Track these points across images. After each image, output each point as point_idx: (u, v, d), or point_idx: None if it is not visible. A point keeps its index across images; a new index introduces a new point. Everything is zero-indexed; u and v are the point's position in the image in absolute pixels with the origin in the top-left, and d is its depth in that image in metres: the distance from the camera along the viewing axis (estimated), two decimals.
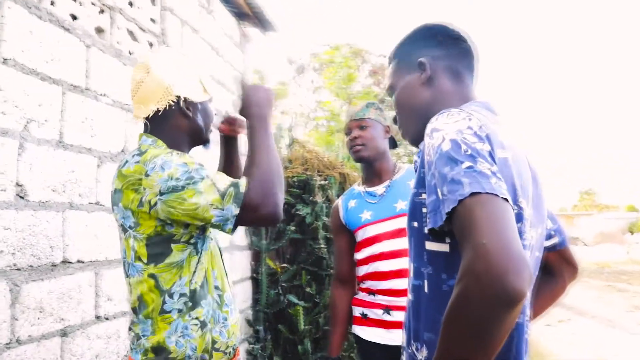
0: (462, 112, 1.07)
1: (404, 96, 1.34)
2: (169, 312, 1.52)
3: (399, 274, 2.35)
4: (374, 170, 2.56)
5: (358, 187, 2.64)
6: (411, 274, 1.18)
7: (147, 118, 1.64)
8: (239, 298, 4.29)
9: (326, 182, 4.71)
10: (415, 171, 1.16)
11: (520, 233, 1.02)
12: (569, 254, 1.40)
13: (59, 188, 2.16)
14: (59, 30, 2.19)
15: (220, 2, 4.10)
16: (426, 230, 1.03)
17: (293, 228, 4.51)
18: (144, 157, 1.50)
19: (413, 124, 1.32)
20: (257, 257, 4.65)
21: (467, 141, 0.98)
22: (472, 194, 0.89)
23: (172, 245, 1.51)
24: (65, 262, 2.18)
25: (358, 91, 9.71)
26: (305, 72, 16.35)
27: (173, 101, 1.62)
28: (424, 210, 1.07)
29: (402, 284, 2.33)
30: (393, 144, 2.67)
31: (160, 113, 1.62)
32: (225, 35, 4.21)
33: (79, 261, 2.26)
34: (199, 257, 1.56)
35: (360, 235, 2.50)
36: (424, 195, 1.07)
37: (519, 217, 1.02)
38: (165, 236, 1.49)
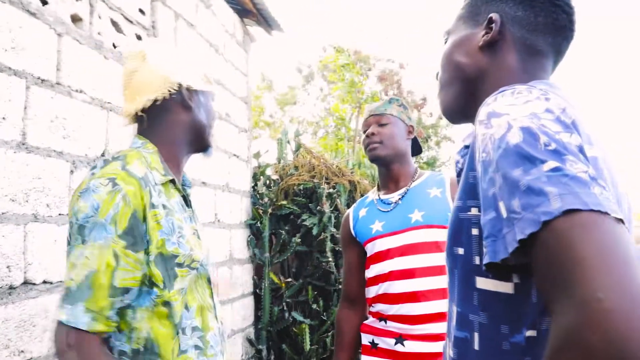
0: (534, 88, 0.74)
1: (453, 52, 1.01)
2: None
3: (412, 297, 2.02)
4: (390, 174, 2.21)
5: (372, 194, 2.31)
6: (453, 322, 0.84)
7: (141, 113, 1.36)
8: (239, 315, 3.97)
9: (334, 190, 4.38)
10: (458, 176, 0.83)
11: None
12: None
13: (20, 197, 1.85)
14: (22, 14, 1.89)
15: None
16: (478, 262, 0.71)
17: (298, 240, 4.18)
18: (100, 172, 1.20)
19: (453, 92, 1.01)
20: (259, 271, 4.33)
21: (547, 130, 0.66)
22: (567, 212, 0.57)
23: None
24: (27, 283, 1.87)
25: (368, 96, 9.40)
26: (314, 80, 16.10)
27: (174, 89, 1.34)
28: (475, 232, 0.75)
29: (416, 308, 2.00)
30: (417, 149, 2.34)
31: (157, 105, 1.34)
32: (226, 33, 3.92)
33: (45, 282, 1.95)
34: (135, 314, 1.22)
35: (370, 249, 2.16)
36: (474, 211, 0.75)
37: None
38: None
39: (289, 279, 4.34)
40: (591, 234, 0.56)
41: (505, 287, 0.72)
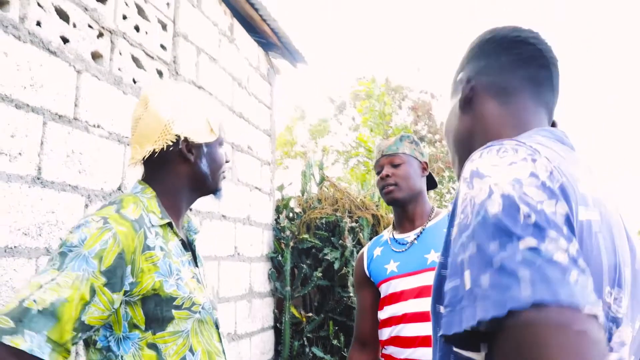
0: (522, 146, 0.70)
1: (446, 125, 1.04)
2: None
3: (426, 341, 1.94)
4: (406, 214, 2.15)
5: (387, 233, 2.25)
6: None
7: (143, 161, 1.37)
8: (257, 349, 3.92)
9: (357, 224, 4.33)
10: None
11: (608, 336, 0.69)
12: None
13: (33, 231, 1.87)
14: (42, 53, 1.94)
15: (244, 31, 3.87)
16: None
17: (320, 274, 4.13)
18: (95, 212, 1.21)
19: (456, 160, 1.01)
20: (281, 305, 4.28)
21: (529, 199, 0.62)
22: (536, 305, 0.53)
23: (95, 350, 1.22)
24: None
25: (396, 126, 9.37)
26: (346, 109, 16.19)
27: (172, 141, 1.33)
28: None
29: (430, 353, 1.92)
30: (432, 183, 2.28)
31: (157, 156, 1.34)
32: (250, 66, 3.97)
33: None
34: None
35: (384, 290, 2.10)
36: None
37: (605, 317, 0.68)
38: None
39: (310, 314, 4.27)
40: (557, 337, 0.52)
41: (477, 356, 0.67)
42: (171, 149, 1.33)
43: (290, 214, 4.51)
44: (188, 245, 1.44)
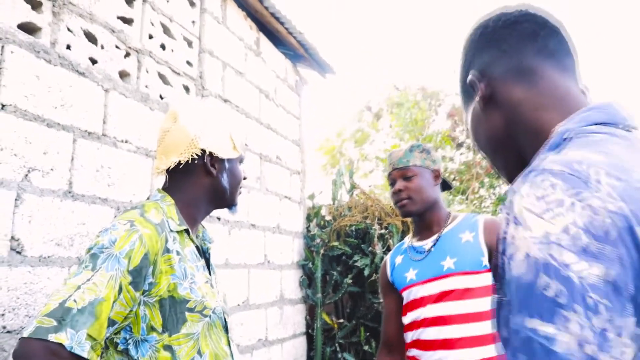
0: (564, 176, 0.60)
1: (474, 132, 0.95)
2: None
3: (445, 344, 1.98)
4: (423, 223, 2.20)
5: (407, 240, 2.30)
6: None
7: (167, 172, 1.46)
8: (290, 355, 3.98)
9: (386, 230, 4.36)
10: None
11: None
12: None
13: (65, 242, 1.99)
14: (71, 75, 2.07)
15: (271, 45, 3.98)
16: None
17: (350, 281, 4.18)
18: (120, 217, 1.30)
19: (500, 163, 0.93)
20: (313, 312, 4.34)
21: (557, 265, 0.54)
22: None
23: (114, 352, 1.28)
24: None
25: (429, 134, 9.32)
26: (384, 117, 16.17)
27: (197, 154, 1.42)
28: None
29: (450, 356, 1.96)
30: (446, 186, 2.30)
31: (182, 167, 1.43)
32: (277, 78, 4.07)
33: None
34: None
35: (406, 297, 2.15)
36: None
37: None
38: None
39: (342, 320, 4.32)
40: None
41: None
42: (196, 161, 1.42)
43: (321, 222, 4.57)
44: (202, 254, 1.52)
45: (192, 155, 1.41)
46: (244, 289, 3.35)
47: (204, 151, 1.42)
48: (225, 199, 1.52)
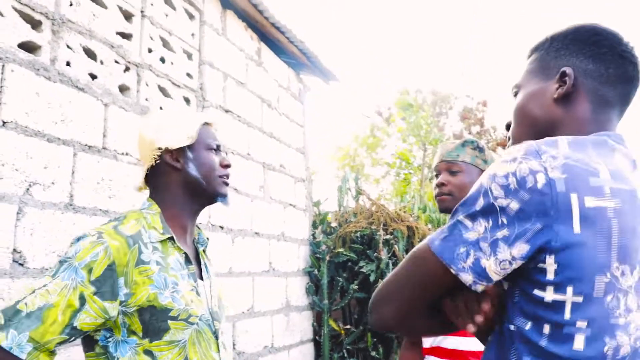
0: (530, 147, 0.89)
1: (527, 105, 1.06)
2: None
3: (463, 355, 1.95)
4: None
5: None
6: None
7: (145, 181, 1.51)
8: None
9: (392, 236, 4.38)
10: None
11: (610, 311, 0.84)
12: None
13: None
14: (71, 91, 2.13)
15: (272, 54, 4.02)
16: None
17: (356, 287, 4.19)
18: (96, 227, 1.35)
19: (520, 132, 1.07)
20: (320, 318, 4.36)
21: (491, 195, 0.87)
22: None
23: (95, 346, 1.32)
24: None
25: (435, 138, 9.32)
26: (395, 121, 16.18)
27: (158, 155, 1.46)
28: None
29: None
30: None
31: (154, 172, 1.48)
32: (280, 87, 4.11)
33: None
34: None
35: None
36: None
37: (610, 288, 0.84)
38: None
39: (348, 326, 4.34)
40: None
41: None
42: (158, 162, 1.46)
43: (327, 229, 4.60)
44: (195, 259, 1.54)
45: (153, 157, 1.45)
46: (249, 297, 3.38)
47: (161, 149, 1.46)
48: (203, 188, 1.50)
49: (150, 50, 2.64)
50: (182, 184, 1.50)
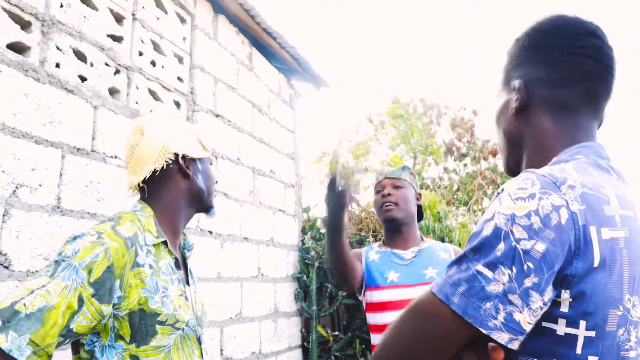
0: (545, 180, 0.81)
1: (497, 120, 1.05)
2: None
3: None
4: (401, 235, 2.39)
5: (378, 247, 2.42)
6: None
7: (143, 183, 1.49)
8: None
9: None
10: None
11: (621, 344, 0.80)
12: None
13: (53, 256, 2.02)
14: (60, 92, 2.11)
15: (264, 59, 4.03)
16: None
17: (345, 293, 4.18)
18: (93, 227, 1.33)
19: (504, 152, 1.05)
20: (308, 325, 4.35)
21: (512, 238, 0.78)
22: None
23: (80, 350, 1.31)
24: None
25: (422, 146, 9.35)
26: (385, 129, 16.20)
27: (171, 159, 1.47)
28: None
29: None
30: (420, 215, 2.50)
31: (157, 175, 1.47)
32: (270, 92, 4.11)
33: None
34: None
35: (386, 296, 2.25)
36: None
37: (622, 321, 0.80)
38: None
39: (337, 333, 4.32)
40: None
41: None
42: (170, 166, 1.46)
43: (317, 235, 4.59)
44: (182, 263, 1.54)
45: (166, 161, 1.45)
46: (237, 302, 3.37)
47: (176, 155, 1.47)
48: (203, 200, 1.55)
49: (140, 54, 2.63)
50: (186, 192, 1.52)
